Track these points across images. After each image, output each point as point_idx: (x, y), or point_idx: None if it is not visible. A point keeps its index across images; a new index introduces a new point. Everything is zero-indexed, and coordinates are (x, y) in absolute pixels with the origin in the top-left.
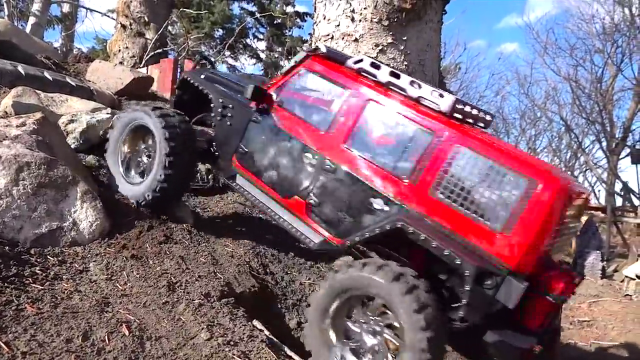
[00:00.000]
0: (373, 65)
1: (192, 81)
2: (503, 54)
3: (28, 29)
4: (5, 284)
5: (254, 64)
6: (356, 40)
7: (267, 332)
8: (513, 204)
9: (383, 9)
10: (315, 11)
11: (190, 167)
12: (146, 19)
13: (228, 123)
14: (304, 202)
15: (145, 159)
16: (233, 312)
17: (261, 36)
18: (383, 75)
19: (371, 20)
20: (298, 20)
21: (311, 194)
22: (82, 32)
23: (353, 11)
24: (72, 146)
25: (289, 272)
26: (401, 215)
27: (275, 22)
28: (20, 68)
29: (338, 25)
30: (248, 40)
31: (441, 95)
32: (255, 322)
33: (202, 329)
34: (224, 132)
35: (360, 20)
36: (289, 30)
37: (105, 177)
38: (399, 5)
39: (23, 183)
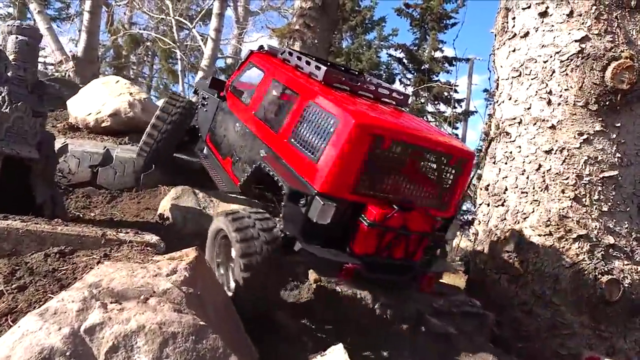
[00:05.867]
0: (290, 53)
1: (196, 87)
2: None
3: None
4: None
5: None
6: (553, 127)
7: None
8: (327, 140)
9: (591, 90)
10: (497, 89)
11: None
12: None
13: (205, 110)
14: (230, 160)
15: None
16: None
17: (408, 82)
18: (294, 60)
19: (574, 104)
20: (446, 65)
21: (234, 152)
22: None
23: (550, 92)
24: None
25: None
26: (264, 157)
27: (422, 67)
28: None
29: (529, 108)
30: (395, 86)
31: (318, 68)
32: None
33: None
34: (202, 118)
35: (559, 104)
36: (437, 75)
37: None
38: (612, 86)
39: None
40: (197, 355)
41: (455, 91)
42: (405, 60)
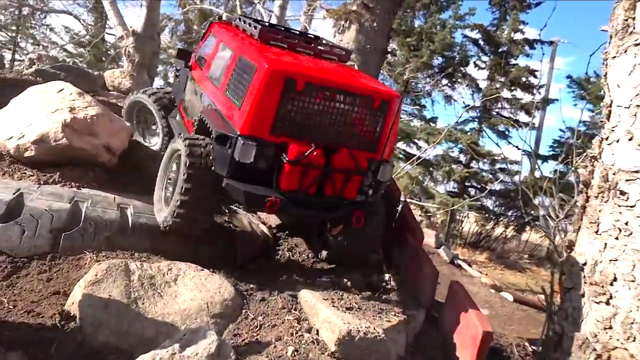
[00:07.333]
0: (240, 19)
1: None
2: None
3: None
4: None
5: (472, 93)
6: None
7: None
8: (247, 85)
9: None
10: (608, 118)
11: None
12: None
13: (178, 80)
14: (191, 120)
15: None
16: None
17: (483, 65)
18: (241, 24)
19: None
20: (527, 47)
21: (192, 113)
22: None
23: None
24: None
25: None
26: (203, 110)
27: (500, 49)
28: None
29: None
30: (468, 69)
31: (255, 27)
32: None
33: None
34: (176, 87)
35: None
36: (515, 59)
37: None
38: None
39: None
40: None
41: (535, 76)
42: (481, 42)
